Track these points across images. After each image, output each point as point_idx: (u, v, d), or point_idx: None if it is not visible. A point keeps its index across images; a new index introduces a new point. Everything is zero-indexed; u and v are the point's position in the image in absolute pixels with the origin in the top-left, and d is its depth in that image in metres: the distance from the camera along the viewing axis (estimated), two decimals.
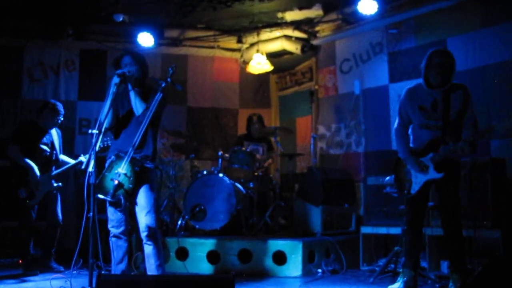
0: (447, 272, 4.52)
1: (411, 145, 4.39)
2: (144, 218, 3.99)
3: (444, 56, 4.16)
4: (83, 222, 3.64)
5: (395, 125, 4.47)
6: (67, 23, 7.61)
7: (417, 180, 4.27)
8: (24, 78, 7.76)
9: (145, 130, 3.94)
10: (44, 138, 5.68)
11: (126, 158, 3.89)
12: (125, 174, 3.87)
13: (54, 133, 5.83)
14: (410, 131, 4.46)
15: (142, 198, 4.01)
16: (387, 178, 5.01)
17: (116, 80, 3.96)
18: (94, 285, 3.25)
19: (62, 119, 5.81)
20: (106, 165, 4.01)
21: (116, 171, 3.87)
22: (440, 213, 4.34)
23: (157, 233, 4.06)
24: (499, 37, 5.89)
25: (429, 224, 5.18)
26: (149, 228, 3.98)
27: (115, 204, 4.01)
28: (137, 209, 4.04)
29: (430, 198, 4.77)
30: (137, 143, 3.90)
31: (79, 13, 7.32)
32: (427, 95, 4.22)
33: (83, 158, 5.57)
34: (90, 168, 3.70)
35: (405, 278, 4.29)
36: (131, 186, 3.91)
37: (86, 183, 3.70)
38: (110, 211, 4.07)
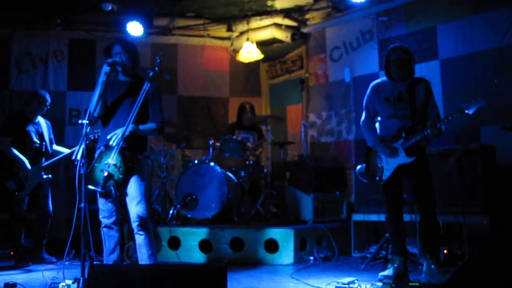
0: (419, 255, 4.75)
1: (379, 134, 4.50)
2: (134, 208, 3.98)
3: (401, 51, 4.32)
4: (75, 213, 3.61)
5: (362, 118, 4.60)
6: (55, 13, 7.54)
7: (388, 166, 4.36)
8: (12, 69, 7.69)
9: (134, 119, 3.90)
10: (34, 130, 5.63)
11: (115, 148, 3.84)
12: (115, 165, 3.83)
13: (44, 124, 5.77)
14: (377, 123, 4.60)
15: (133, 188, 3.99)
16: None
17: (106, 69, 3.93)
18: (86, 275, 3.24)
19: (48, 107, 5.76)
20: (96, 155, 3.97)
21: (105, 162, 3.82)
22: (415, 199, 4.40)
23: (148, 223, 4.06)
24: (488, 23, 5.91)
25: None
26: (140, 218, 3.97)
27: (106, 195, 3.99)
28: (128, 199, 4.02)
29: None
30: (126, 133, 3.87)
31: (67, 2, 7.24)
32: (392, 88, 4.38)
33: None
34: (79, 157, 3.67)
35: (395, 265, 4.33)
36: (121, 176, 3.87)
37: (77, 174, 3.67)
38: (101, 201, 4.05)
